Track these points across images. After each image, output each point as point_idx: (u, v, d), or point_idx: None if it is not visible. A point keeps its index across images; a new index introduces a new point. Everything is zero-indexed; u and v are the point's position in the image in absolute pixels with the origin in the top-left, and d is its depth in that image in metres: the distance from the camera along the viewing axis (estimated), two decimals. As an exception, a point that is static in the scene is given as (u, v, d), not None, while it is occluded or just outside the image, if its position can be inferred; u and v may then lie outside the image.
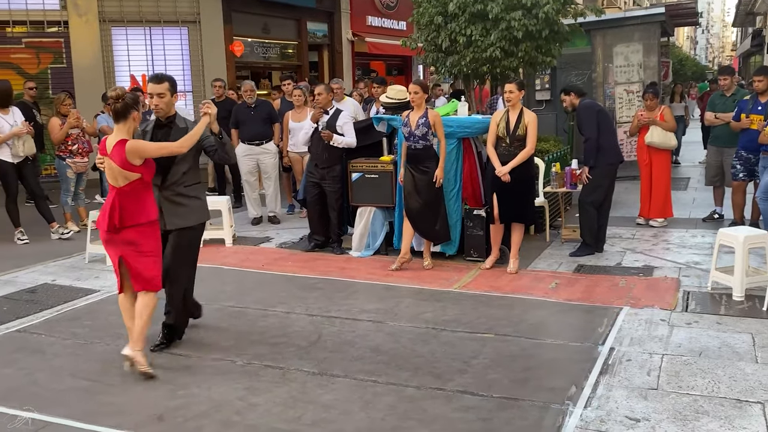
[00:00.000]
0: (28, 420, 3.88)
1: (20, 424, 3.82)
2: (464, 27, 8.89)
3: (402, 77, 20.54)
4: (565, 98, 7.50)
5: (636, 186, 9.51)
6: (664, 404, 3.98)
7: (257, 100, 9.53)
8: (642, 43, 12.21)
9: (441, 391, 4.23)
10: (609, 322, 5.35)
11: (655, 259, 7.18)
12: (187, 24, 13.90)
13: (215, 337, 5.23)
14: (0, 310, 5.97)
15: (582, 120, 7.36)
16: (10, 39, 12.69)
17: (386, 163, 7.52)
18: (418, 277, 6.76)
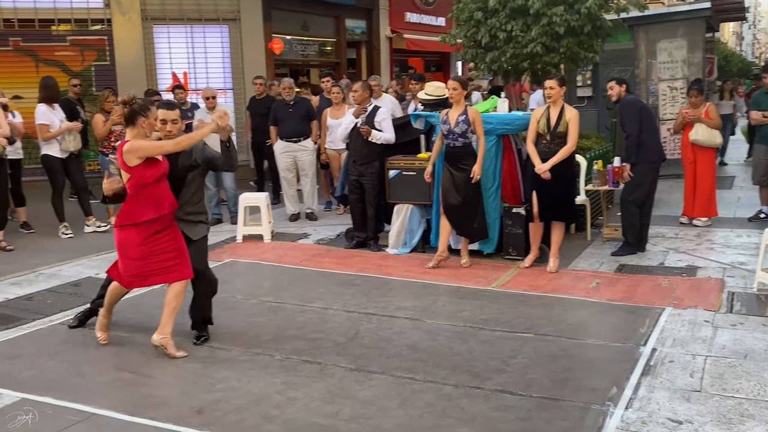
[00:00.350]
0: (28, 420, 3.89)
1: (20, 424, 3.84)
2: (504, 22, 8.82)
3: (440, 74, 20.45)
4: (614, 87, 7.36)
5: (679, 184, 9.33)
6: (707, 407, 3.90)
7: (296, 98, 9.57)
8: (686, 38, 11.96)
9: (479, 390, 4.21)
10: (651, 322, 5.26)
11: (698, 259, 7.04)
12: (227, 22, 14.02)
13: (254, 332, 5.27)
14: (45, 302, 6.09)
15: (624, 116, 7.25)
16: (55, 37, 12.93)
17: (424, 161, 7.49)
18: (456, 275, 6.72)
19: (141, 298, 6.10)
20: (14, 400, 4.17)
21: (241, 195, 8.66)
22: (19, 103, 10.36)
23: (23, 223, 8.96)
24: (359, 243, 7.88)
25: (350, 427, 3.79)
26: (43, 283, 6.67)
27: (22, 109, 9.45)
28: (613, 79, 7.51)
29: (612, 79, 7.55)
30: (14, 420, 3.87)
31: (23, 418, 3.89)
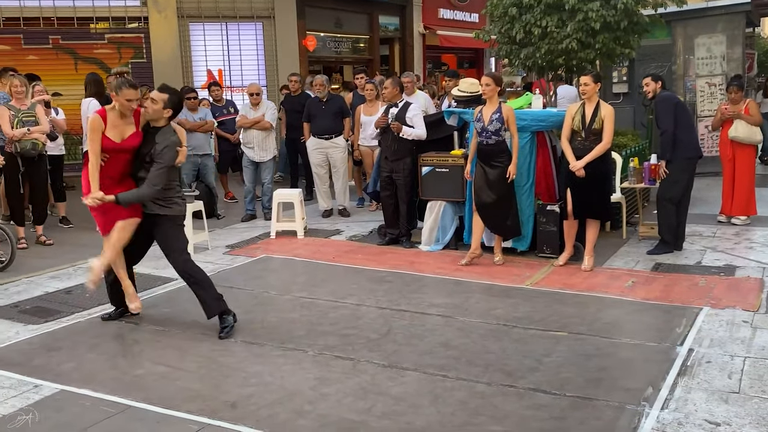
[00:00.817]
0: (28, 420, 3.92)
1: (20, 424, 3.87)
2: (539, 18, 8.74)
3: (473, 70, 20.35)
4: (650, 83, 7.23)
5: (718, 182, 9.17)
6: (746, 409, 3.83)
7: (329, 95, 9.60)
8: (725, 33, 11.74)
9: (512, 389, 4.18)
10: (688, 322, 5.18)
11: (737, 258, 6.91)
12: (261, 19, 14.11)
13: (287, 327, 5.30)
14: (83, 296, 6.20)
15: (659, 112, 7.14)
16: (93, 35, 13.15)
17: (457, 157, 7.47)
18: (489, 272, 6.69)
19: (175, 293, 6.18)
20: (53, 391, 4.26)
21: (275, 191, 8.72)
22: (58, 100, 10.56)
23: (62, 218, 9.13)
24: (392, 240, 7.88)
25: (382, 424, 3.80)
26: (81, 277, 6.78)
27: (62, 106, 9.61)
28: (649, 76, 7.39)
29: (647, 76, 7.43)
30: (14, 420, 3.89)
31: (23, 418, 3.92)
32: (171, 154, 5.12)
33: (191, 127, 9.46)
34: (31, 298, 6.15)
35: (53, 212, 9.35)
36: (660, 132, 7.12)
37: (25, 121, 7.84)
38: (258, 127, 9.23)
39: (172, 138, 5.16)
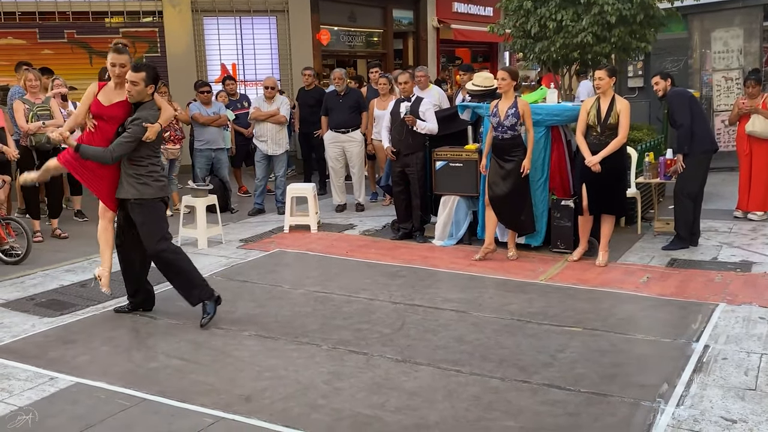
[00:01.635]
0: (28, 420, 3.91)
1: (20, 423, 3.87)
2: (554, 12, 8.68)
3: (488, 64, 20.27)
4: (660, 82, 7.21)
5: (734, 177, 9.08)
6: (762, 406, 3.80)
7: (347, 88, 9.58)
8: (743, 27, 11.62)
9: (526, 384, 4.17)
10: (704, 318, 5.14)
11: (753, 254, 6.85)
12: (275, 13, 14.12)
13: (301, 321, 5.31)
14: (98, 289, 6.21)
15: (675, 107, 7.07)
16: (108, 29, 13.21)
17: (471, 152, 7.44)
18: (503, 267, 6.67)
19: (190, 287, 6.19)
20: (69, 384, 4.29)
21: (289, 185, 8.73)
22: (73, 94, 10.58)
23: (77, 212, 9.18)
24: (405, 234, 7.87)
25: (396, 418, 3.80)
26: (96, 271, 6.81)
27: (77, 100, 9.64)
28: (658, 74, 7.39)
29: (657, 74, 7.42)
30: (14, 420, 3.90)
31: (23, 418, 3.92)
32: (139, 128, 5.06)
33: (205, 121, 9.49)
34: (46, 291, 6.19)
35: (68, 206, 9.41)
36: (677, 126, 7.06)
37: (39, 115, 7.89)
38: (273, 121, 9.24)
39: (148, 112, 5.13)
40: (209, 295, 5.25)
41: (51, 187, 8.28)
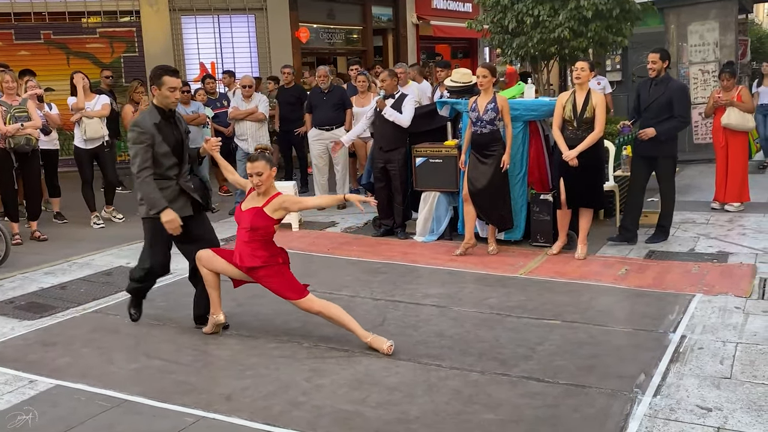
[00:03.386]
0: (27, 420, 3.92)
1: (20, 423, 3.88)
2: (531, 7, 8.75)
3: (468, 60, 20.33)
4: (657, 62, 6.80)
5: (711, 169, 9.20)
6: (737, 394, 3.86)
7: (331, 86, 9.57)
8: (718, 20, 11.75)
9: (506, 377, 4.21)
10: (680, 309, 5.21)
11: (730, 244, 6.94)
12: (254, 11, 14.07)
13: (282, 319, 5.31)
14: (78, 291, 6.21)
15: (678, 99, 6.86)
16: (85, 29, 13.12)
17: (450, 148, 7.48)
18: (483, 262, 6.71)
19: (170, 288, 6.19)
20: (48, 386, 4.27)
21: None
22: (51, 95, 10.51)
23: (56, 214, 9.12)
24: (387, 231, 7.89)
25: (377, 414, 3.82)
26: (76, 273, 6.80)
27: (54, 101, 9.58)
28: (658, 52, 6.89)
29: (656, 51, 6.92)
30: (14, 420, 3.90)
31: (23, 418, 3.92)
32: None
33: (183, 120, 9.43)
34: (26, 294, 6.16)
35: (47, 208, 9.34)
36: (677, 116, 6.83)
37: (17, 117, 7.83)
38: (252, 119, 9.23)
39: None
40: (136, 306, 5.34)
41: (29, 190, 8.22)
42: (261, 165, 4.65)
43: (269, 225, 4.70)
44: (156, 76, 4.84)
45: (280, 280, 4.74)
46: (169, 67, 5.08)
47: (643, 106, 6.90)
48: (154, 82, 4.85)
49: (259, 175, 4.65)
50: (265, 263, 4.69)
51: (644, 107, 6.89)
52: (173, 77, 4.85)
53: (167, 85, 4.79)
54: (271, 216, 4.69)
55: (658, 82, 6.86)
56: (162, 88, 4.80)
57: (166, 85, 4.79)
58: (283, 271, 4.78)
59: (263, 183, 4.68)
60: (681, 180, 10.38)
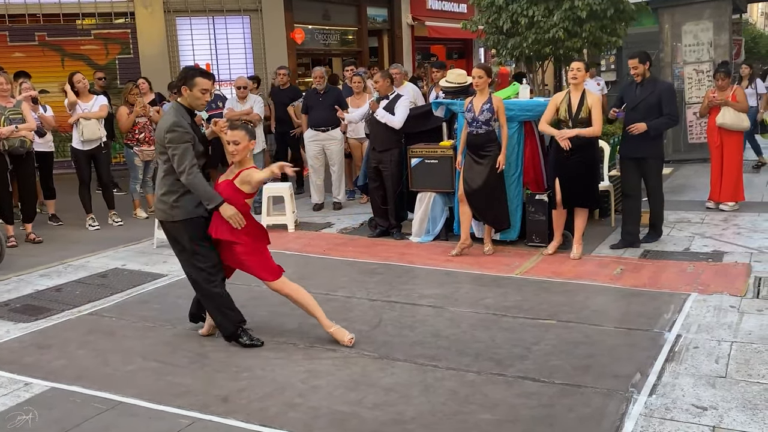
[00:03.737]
0: (28, 420, 3.92)
1: (20, 424, 3.88)
2: (526, 8, 8.77)
3: (463, 61, 20.36)
4: (638, 66, 6.80)
5: (706, 169, 9.23)
6: (732, 393, 3.87)
7: (327, 87, 9.56)
8: (712, 20, 11.78)
9: (502, 377, 4.21)
10: (676, 308, 5.22)
11: (725, 244, 6.96)
12: (248, 12, 14.06)
13: (278, 321, 5.31)
14: (73, 293, 6.20)
15: (668, 99, 6.87)
16: (80, 31, 13.09)
17: (446, 148, 7.48)
18: (479, 262, 6.72)
19: (166, 289, 6.19)
20: (44, 389, 4.26)
21: (265, 185, 8.70)
22: (45, 97, 10.51)
23: (51, 216, 9.11)
24: (382, 232, 7.89)
25: (373, 414, 3.82)
26: (71, 275, 6.79)
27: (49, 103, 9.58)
28: (636, 56, 6.87)
29: (634, 56, 6.89)
30: (14, 420, 3.90)
31: (23, 418, 3.93)
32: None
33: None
34: (21, 297, 6.14)
35: (43, 210, 9.33)
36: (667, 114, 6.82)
37: (11, 119, 7.81)
38: (247, 120, 9.21)
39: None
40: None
41: (24, 192, 8.20)
42: (240, 134, 4.67)
43: (239, 198, 4.71)
44: (188, 77, 4.79)
45: (258, 259, 4.77)
46: (202, 68, 5.04)
47: (630, 106, 6.86)
48: (185, 82, 4.78)
49: (236, 143, 4.67)
50: (238, 239, 4.69)
51: (631, 107, 6.84)
52: (206, 79, 4.83)
53: (199, 86, 4.77)
54: (240, 188, 4.70)
55: (645, 83, 6.83)
56: (194, 89, 4.76)
57: (198, 86, 4.76)
58: (261, 249, 4.80)
59: (238, 153, 4.70)
60: (676, 179, 10.44)
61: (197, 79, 4.76)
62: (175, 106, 4.85)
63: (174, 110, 4.80)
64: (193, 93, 4.77)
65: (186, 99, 4.81)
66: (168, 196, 4.78)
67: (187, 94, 4.78)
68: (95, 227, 8.77)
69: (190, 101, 4.81)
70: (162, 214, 4.84)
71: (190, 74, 4.82)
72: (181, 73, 4.97)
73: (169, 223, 4.83)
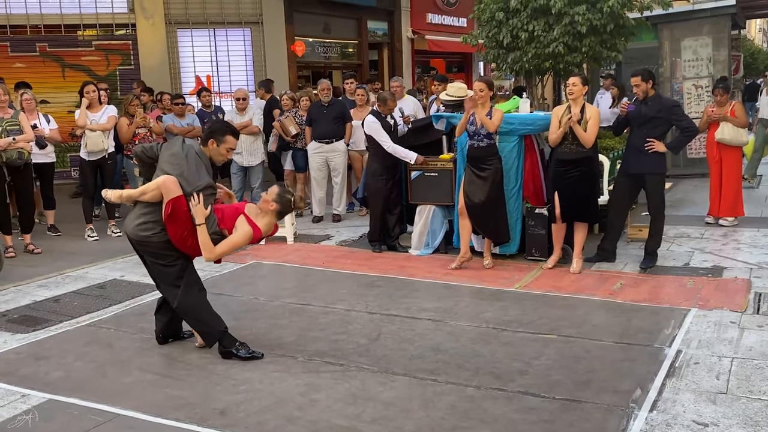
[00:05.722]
0: (28, 420, 3.93)
1: (21, 423, 3.87)
2: (526, 23, 8.80)
3: (462, 74, 20.40)
4: (641, 84, 6.64)
5: (705, 184, 9.24)
6: (734, 409, 3.85)
7: (332, 99, 9.58)
8: (711, 36, 11.84)
9: (502, 392, 4.19)
10: (676, 323, 5.21)
11: (724, 259, 6.95)
12: (250, 25, 14.11)
13: (277, 333, 5.29)
14: (71, 304, 6.18)
15: (679, 115, 6.83)
16: (81, 42, 13.11)
17: (446, 161, 7.49)
18: (478, 276, 6.70)
19: (165, 300, 6.15)
20: (41, 401, 4.23)
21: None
22: (44, 107, 10.50)
23: (50, 226, 9.08)
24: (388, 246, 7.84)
25: (372, 429, 3.80)
26: (69, 286, 6.76)
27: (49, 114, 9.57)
28: (639, 74, 6.70)
29: (636, 74, 6.73)
30: (14, 420, 3.89)
31: (23, 418, 3.92)
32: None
33: (179, 133, 9.46)
34: (18, 307, 6.11)
35: (41, 220, 9.31)
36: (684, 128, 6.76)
37: (9, 130, 7.80)
38: (246, 132, 9.23)
39: None
40: None
41: (22, 202, 8.19)
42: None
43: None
44: (219, 132, 4.81)
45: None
46: (234, 127, 5.04)
47: (635, 123, 6.75)
48: (215, 136, 4.79)
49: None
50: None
51: (637, 125, 6.73)
52: (235, 138, 4.88)
53: (228, 144, 4.81)
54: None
55: (649, 101, 6.69)
56: (221, 145, 4.79)
57: (226, 144, 4.80)
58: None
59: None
60: (675, 194, 10.44)
61: (227, 137, 4.81)
62: (197, 150, 4.84)
63: (195, 155, 4.80)
64: (219, 149, 4.81)
65: (210, 150, 4.83)
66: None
67: (212, 147, 4.81)
68: (94, 238, 8.75)
69: (213, 154, 4.85)
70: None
71: (223, 130, 4.86)
72: (213, 126, 5.00)
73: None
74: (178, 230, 4.66)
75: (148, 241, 4.77)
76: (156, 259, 4.83)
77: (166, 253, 4.78)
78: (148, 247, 4.80)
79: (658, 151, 6.62)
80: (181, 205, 4.59)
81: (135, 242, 4.86)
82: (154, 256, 4.83)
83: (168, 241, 4.72)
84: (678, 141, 6.95)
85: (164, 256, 4.80)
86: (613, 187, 7.19)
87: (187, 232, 4.67)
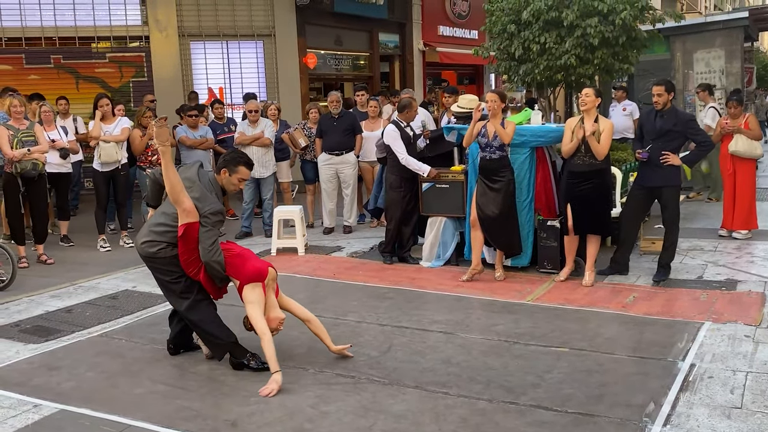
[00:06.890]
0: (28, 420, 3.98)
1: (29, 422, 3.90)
2: (538, 35, 8.80)
3: (473, 86, 20.42)
4: (663, 93, 6.59)
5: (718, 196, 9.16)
6: (748, 424, 3.81)
7: (342, 111, 9.61)
8: (724, 48, 11.81)
9: (514, 405, 4.16)
10: (689, 337, 5.16)
11: (738, 272, 6.89)
12: (262, 37, 14.19)
13: (287, 345, 5.28)
14: (83, 315, 6.19)
15: (695, 128, 6.85)
16: (95, 54, 13.22)
17: (457, 173, 7.48)
18: (490, 288, 6.68)
19: (177, 311, 6.15)
20: (53, 411, 4.24)
21: (276, 208, 8.73)
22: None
23: (63, 237, 9.13)
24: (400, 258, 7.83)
25: (383, 442, 3.78)
26: (81, 296, 6.79)
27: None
28: (662, 84, 6.65)
29: (660, 83, 6.67)
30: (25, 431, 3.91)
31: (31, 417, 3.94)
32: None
33: (192, 144, 9.51)
34: (31, 317, 6.14)
35: (54, 231, 9.36)
36: (700, 142, 6.78)
37: (24, 141, 7.86)
38: (258, 144, 9.26)
39: None
40: None
41: (36, 212, 8.24)
42: None
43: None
44: (233, 162, 4.90)
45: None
46: (248, 158, 5.08)
47: (650, 136, 6.69)
48: (227, 166, 4.88)
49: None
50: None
51: (652, 138, 6.67)
52: (248, 170, 4.97)
53: (240, 174, 4.90)
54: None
55: (665, 113, 6.65)
56: (233, 175, 4.89)
57: (239, 174, 4.90)
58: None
59: None
60: (688, 207, 10.37)
61: (240, 168, 4.90)
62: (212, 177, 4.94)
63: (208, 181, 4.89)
64: (231, 179, 4.90)
65: (222, 179, 4.92)
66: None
67: (225, 177, 4.90)
68: (106, 248, 8.79)
69: (225, 183, 4.93)
70: None
71: (235, 160, 4.93)
72: (228, 156, 5.04)
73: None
74: (186, 252, 4.73)
75: (154, 257, 4.83)
76: (162, 275, 4.89)
77: (172, 269, 4.84)
78: (155, 262, 4.87)
79: (673, 164, 6.58)
80: (194, 231, 4.67)
81: (142, 258, 4.95)
82: (160, 272, 4.89)
83: (175, 257, 4.78)
84: (693, 155, 6.93)
85: (169, 273, 4.86)
86: (627, 199, 7.16)
87: (193, 258, 4.75)
